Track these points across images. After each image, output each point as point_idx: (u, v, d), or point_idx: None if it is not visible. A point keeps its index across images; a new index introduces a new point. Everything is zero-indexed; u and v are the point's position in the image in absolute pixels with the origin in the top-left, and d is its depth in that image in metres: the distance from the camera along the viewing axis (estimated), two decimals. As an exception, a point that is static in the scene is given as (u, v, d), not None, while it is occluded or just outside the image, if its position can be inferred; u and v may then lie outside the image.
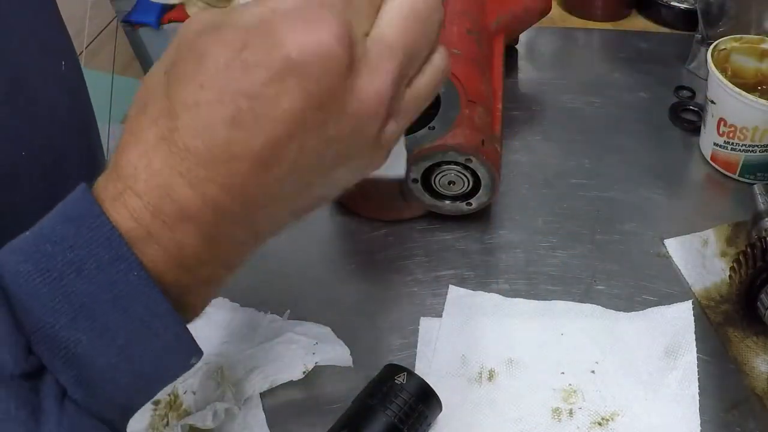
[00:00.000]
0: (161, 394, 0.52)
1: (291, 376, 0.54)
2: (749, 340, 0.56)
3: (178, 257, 0.29)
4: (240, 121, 0.27)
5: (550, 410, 0.52)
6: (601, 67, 0.87)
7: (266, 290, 0.62)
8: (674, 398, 0.52)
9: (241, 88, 0.27)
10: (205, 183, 0.27)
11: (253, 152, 0.27)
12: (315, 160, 0.29)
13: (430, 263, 0.64)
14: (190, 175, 0.27)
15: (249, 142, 0.27)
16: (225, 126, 0.27)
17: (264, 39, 0.27)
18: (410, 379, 0.49)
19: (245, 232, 0.32)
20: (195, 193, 0.28)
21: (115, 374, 0.28)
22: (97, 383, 0.28)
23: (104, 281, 0.27)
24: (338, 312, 0.60)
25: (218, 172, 0.27)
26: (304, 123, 0.27)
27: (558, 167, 0.72)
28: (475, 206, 0.64)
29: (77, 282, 0.27)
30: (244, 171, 0.28)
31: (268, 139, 0.27)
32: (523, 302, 0.59)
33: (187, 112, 0.27)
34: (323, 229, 0.67)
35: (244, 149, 0.27)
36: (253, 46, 0.26)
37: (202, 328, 0.58)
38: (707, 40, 0.79)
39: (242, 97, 0.27)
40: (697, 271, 0.61)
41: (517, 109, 0.80)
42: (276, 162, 0.28)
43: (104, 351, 0.28)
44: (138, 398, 0.31)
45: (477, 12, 0.77)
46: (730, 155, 0.69)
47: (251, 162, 0.28)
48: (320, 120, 0.28)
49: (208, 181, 0.27)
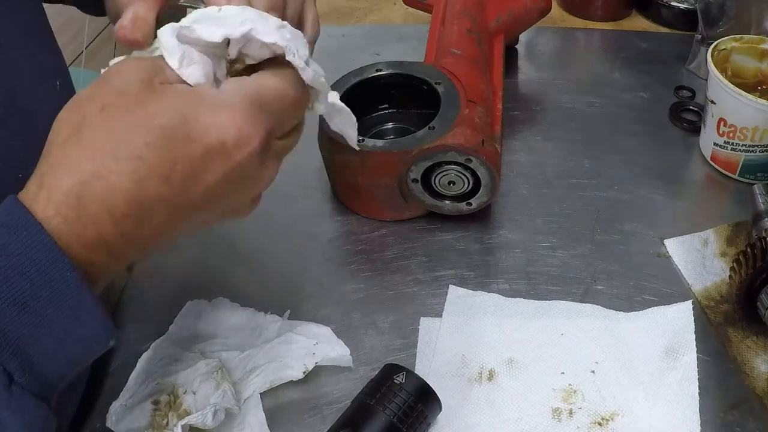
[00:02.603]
0: (161, 395, 0.52)
1: (291, 376, 0.54)
2: (749, 340, 0.56)
3: (98, 255, 0.34)
4: (172, 180, 0.34)
5: (550, 410, 0.52)
6: (601, 67, 0.87)
7: (266, 290, 0.62)
8: (674, 398, 0.52)
9: (178, 157, 0.33)
10: (124, 219, 0.33)
11: (170, 204, 0.35)
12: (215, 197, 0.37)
13: (430, 263, 0.64)
14: (115, 212, 0.33)
15: (176, 198, 0.34)
16: (160, 181, 0.33)
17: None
18: (409, 379, 0.49)
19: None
20: (114, 223, 0.33)
21: (52, 359, 0.33)
22: (37, 368, 0.32)
23: (43, 282, 0.32)
24: (338, 312, 0.60)
25: (140, 217, 0.34)
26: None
27: (558, 167, 0.72)
28: (475, 206, 0.64)
29: (20, 282, 0.31)
30: (161, 219, 0.35)
31: (186, 199, 0.35)
32: (523, 302, 0.59)
33: (130, 162, 0.32)
34: (323, 229, 0.67)
35: (168, 202, 0.34)
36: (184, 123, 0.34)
37: (202, 328, 0.59)
38: (707, 40, 0.79)
39: (178, 163, 0.34)
40: (697, 271, 0.61)
41: (517, 109, 0.80)
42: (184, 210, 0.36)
43: (43, 341, 0.32)
44: (69, 376, 0.35)
45: (477, 12, 0.77)
46: (730, 155, 0.69)
47: (167, 213, 0.35)
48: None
49: (126, 217, 0.33)
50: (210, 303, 0.60)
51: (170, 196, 0.34)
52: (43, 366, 0.33)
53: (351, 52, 0.89)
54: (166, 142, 0.33)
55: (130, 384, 0.54)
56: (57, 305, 0.32)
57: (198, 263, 0.65)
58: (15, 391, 0.32)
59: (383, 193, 0.65)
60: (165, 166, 0.33)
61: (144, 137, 0.33)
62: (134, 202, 0.33)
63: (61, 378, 0.34)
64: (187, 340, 0.57)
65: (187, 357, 0.55)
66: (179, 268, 0.65)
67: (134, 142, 0.32)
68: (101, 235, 0.33)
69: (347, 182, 0.67)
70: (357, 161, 0.62)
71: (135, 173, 0.33)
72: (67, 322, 0.33)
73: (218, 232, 0.68)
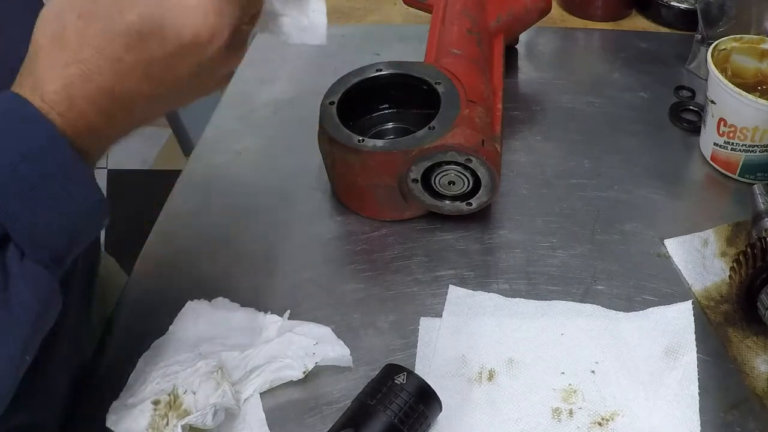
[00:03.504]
0: (161, 394, 0.52)
1: (291, 376, 0.54)
2: (749, 340, 0.56)
3: (88, 139, 0.38)
4: (150, 76, 0.37)
5: (550, 410, 0.52)
6: (601, 67, 0.87)
7: (266, 290, 0.62)
8: (674, 398, 0.52)
9: (154, 56, 0.36)
10: (110, 111, 0.37)
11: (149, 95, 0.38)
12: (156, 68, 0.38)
13: (430, 263, 0.64)
14: (102, 105, 0.37)
15: (154, 90, 0.38)
16: (139, 78, 0.37)
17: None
18: (410, 379, 0.49)
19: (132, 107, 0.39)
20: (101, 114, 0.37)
21: (54, 232, 0.37)
22: (41, 240, 0.36)
23: (43, 160, 0.36)
24: (338, 312, 0.60)
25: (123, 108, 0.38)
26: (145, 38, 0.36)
27: (558, 167, 0.72)
28: (475, 206, 0.64)
29: (23, 163, 0.35)
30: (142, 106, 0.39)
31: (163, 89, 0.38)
32: (523, 302, 0.59)
33: (112, 64, 0.36)
34: (323, 229, 0.67)
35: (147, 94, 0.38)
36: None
37: (202, 328, 0.59)
38: (707, 40, 0.79)
39: (155, 62, 0.37)
40: (697, 271, 0.61)
41: (517, 109, 0.80)
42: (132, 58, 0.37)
43: (44, 216, 0.36)
44: (71, 252, 0.39)
45: (477, 12, 0.77)
46: (730, 155, 0.69)
47: (146, 102, 0.39)
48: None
49: (111, 109, 0.37)
50: (210, 303, 0.60)
51: (148, 89, 0.38)
52: (47, 238, 0.37)
53: (351, 52, 0.89)
54: (143, 44, 0.36)
55: (130, 384, 0.54)
56: (55, 179, 0.36)
57: (198, 263, 0.65)
58: (26, 263, 0.36)
59: (383, 193, 0.65)
60: (143, 64, 0.37)
61: (123, 41, 0.36)
62: (117, 97, 0.37)
63: (65, 252, 0.38)
64: (186, 340, 0.57)
65: (187, 357, 0.55)
66: (179, 268, 0.65)
67: (114, 46, 0.36)
68: (90, 124, 0.37)
69: (347, 182, 0.67)
70: (357, 161, 0.62)
71: (117, 73, 0.36)
72: (63, 193, 0.37)
73: (218, 232, 0.68)
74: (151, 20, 0.36)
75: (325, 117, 0.65)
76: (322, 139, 0.65)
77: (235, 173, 0.74)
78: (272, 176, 0.74)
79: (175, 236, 0.67)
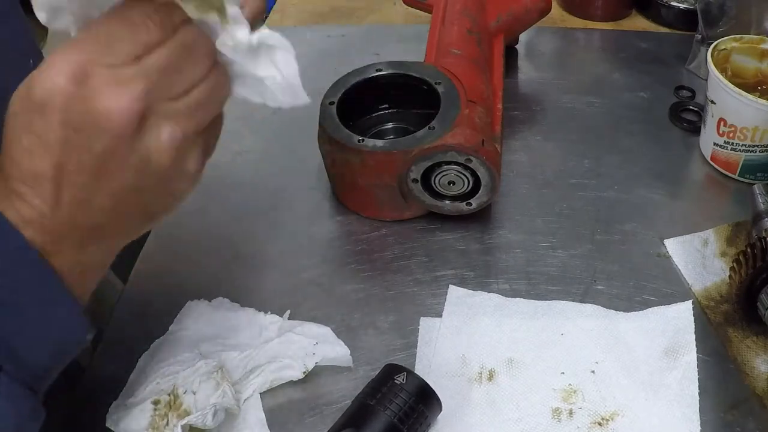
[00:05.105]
0: (161, 394, 0.52)
1: (291, 376, 0.54)
2: (749, 340, 0.56)
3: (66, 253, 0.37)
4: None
5: (550, 410, 0.52)
6: (601, 67, 0.87)
7: (266, 290, 0.62)
8: (674, 398, 0.52)
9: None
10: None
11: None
12: (95, 176, 0.36)
13: (430, 263, 0.64)
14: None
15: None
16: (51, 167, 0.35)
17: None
18: (410, 379, 0.49)
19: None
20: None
21: (34, 350, 0.37)
22: (21, 358, 0.36)
23: (25, 281, 0.36)
24: (338, 312, 0.60)
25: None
26: (69, 143, 0.34)
27: (558, 167, 0.72)
28: (475, 206, 0.64)
29: (3, 281, 0.35)
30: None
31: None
32: (523, 302, 0.59)
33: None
34: (323, 229, 0.67)
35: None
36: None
37: (202, 328, 0.59)
38: (707, 40, 0.79)
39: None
40: (697, 271, 0.61)
41: (517, 109, 0.80)
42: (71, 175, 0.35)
43: (27, 338, 0.36)
44: (53, 370, 0.39)
45: (477, 12, 0.77)
46: (730, 155, 0.69)
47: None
48: (81, 139, 0.34)
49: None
50: (210, 303, 0.60)
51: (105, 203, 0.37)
52: (27, 356, 0.36)
53: (351, 52, 0.89)
54: (75, 141, 0.35)
55: (130, 384, 0.54)
56: (36, 301, 0.36)
57: (198, 263, 0.65)
58: (4, 379, 0.35)
59: (383, 193, 0.65)
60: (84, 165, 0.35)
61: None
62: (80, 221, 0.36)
63: (46, 370, 0.38)
64: (186, 340, 0.57)
65: (187, 357, 0.55)
66: (179, 268, 0.65)
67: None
68: (63, 248, 0.37)
69: (347, 182, 0.67)
70: (357, 161, 0.62)
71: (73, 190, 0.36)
72: (45, 315, 0.37)
73: (218, 232, 0.68)
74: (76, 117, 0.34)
75: (325, 117, 0.65)
76: (322, 139, 0.65)
77: (235, 173, 0.74)
78: (272, 176, 0.74)
79: (174, 236, 0.67)
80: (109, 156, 0.35)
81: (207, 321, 0.59)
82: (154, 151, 0.36)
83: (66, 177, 0.35)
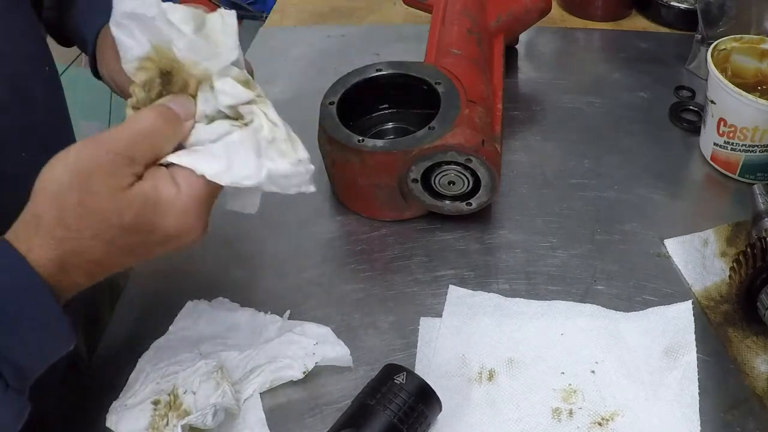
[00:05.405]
0: (161, 395, 0.52)
1: (291, 376, 0.54)
2: (749, 340, 0.56)
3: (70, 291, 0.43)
4: (134, 252, 0.43)
5: (550, 410, 0.52)
6: (601, 67, 0.87)
7: (266, 290, 0.62)
8: (674, 398, 0.52)
9: (142, 241, 0.42)
10: (94, 273, 0.43)
11: (130, 262, 0.44)
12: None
13: (430, 263, 0.64)
14: (88, 270, 0.42)
15: (134, 260, 0.44)
16: (124, 254, 0.43)
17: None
18: (410, 379, 0.49)
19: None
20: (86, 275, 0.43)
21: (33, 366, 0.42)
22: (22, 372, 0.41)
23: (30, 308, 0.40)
24: (338, 312, 0.60)
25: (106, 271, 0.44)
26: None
27: (558, 167, 0.72)
28: (475, 206, 0.64)
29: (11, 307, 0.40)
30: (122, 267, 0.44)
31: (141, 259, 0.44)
32: (523, 302, 0.59)
33: (103, 245, 0.41)
34: (323, 229, 0.67)
35: (128, 263, 0.44)
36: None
37: (202, 328, 0.59)
38: (707, 40, 0.79)
39: (141, 245, 0.43)
40: (697, 271, 0.61)
41: (517, 109, 0.80)
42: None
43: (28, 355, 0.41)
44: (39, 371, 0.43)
45: (477, 12, 0.77)
46: (730, 155, 0.69)
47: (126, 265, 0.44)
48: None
49: (96, 272, 0.43)
50: (210, 303, 0.60)
51: (130, 261, 0.44)
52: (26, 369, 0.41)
53: (351, 52, 0.89)
54: (134, 235, 0.41)
55: (130, 384, 0.54)
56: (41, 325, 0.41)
57: (198, 263, 0.65)
58: (9, 394, 0.40)
59: (383, 193, 0.65)
60: (130, 246, 0.42)
61: (117, 232, 0.41)
62: (103, 265, 0.43)
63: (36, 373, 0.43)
64: (186, 340, 0.57)
65: (187, 357, 0.55)
66: (179, 268, 0.65)
67: (109, 233, 0.41)
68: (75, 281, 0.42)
69: (347, 182, 0.67)
70: (357, 161, 0.62)
71: (106, 251, 0.41)
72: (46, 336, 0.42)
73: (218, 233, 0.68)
74: (146, 221, 0.41)
75: (325, 117, 0.65)
76: (322, 139, 0.65)
77: (235, 173, 0.74)
78: (272, 176, 0.73)
79: (175, 236, 0.67)
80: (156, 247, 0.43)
81: (207, 321, 0.59)
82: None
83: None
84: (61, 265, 0.40)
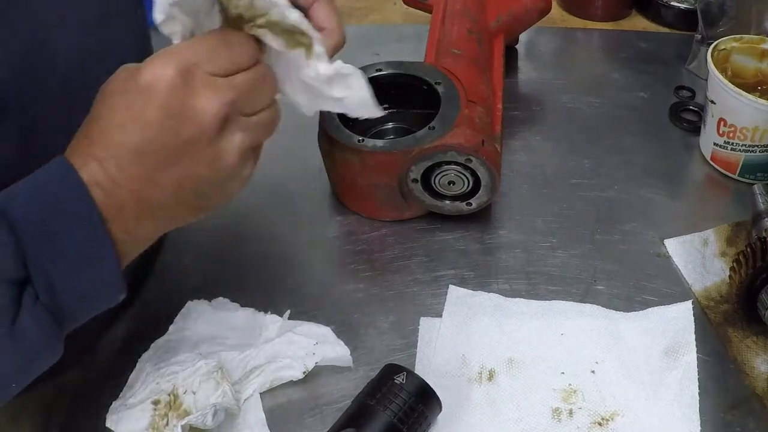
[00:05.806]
0: (161, 395, 0.52)
1: (291, 376, 0.54)
2: (749, 340, 0.56)
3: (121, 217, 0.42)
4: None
5: (550, 410, 0.52)
6: (601, 67, 0.87)
7: (266, 290, 0.62)
8: (674, 398, 0.52)
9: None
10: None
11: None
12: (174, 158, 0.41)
13: (430, 263, 0.64)
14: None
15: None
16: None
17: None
18: (410, 379, 0.49)
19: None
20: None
21: (67, 289, 0.40)
22: (56, 291, 0.40)
23: (77, 228, 0.40)
24: (338, 312, 0.60)
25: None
26: (161, 125, 0.40)
27: (558, 167, 0.72)
28: (475, 206, 0.64)
29: (59, 223, 0.39)
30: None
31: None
32: (523, 302, 0.59)
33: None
34: (323, 229, 0.67)
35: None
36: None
37: (202, 328, 0.59)
38: (707, 40, 0.79)
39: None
40: (697, 271, 0.61)
41: (517, 109, 0.80)
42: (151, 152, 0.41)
43: (66, 280, 0.40)
44: (80, 315, 0.43)
45: (477, 12, 0.77)
46: (730, 155, 0.69)
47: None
48: (173, 125, 0.40)
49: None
50: (210, 303, 0.60)
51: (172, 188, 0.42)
52: (61, 292, 0.40)
53: (351, 52, 0.89)
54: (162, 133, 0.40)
55: (130, 384, 0.54)
56: (85, 253, 0.40)
57: (198, 263, 0.65)
58: (38, 306, 0.40)
59: (383, 193, 0.65)
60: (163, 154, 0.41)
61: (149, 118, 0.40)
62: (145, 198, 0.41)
63: (73, 313, 0.42)
64: (186, 340, 0.57)
65: (187, 357, 0.55)
66: (179, 268, 0.65)
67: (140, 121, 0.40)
68: (122, 211, 0.41)
69: (347, 182, 0.67)
70: (357, 161, 0.62)
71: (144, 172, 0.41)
72: (89, 267, 0.41)
73: (218, 233, 0.68)
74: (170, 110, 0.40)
75: (325, 117, 0.65)
76: (322, 139, 0.65)
77: (235, 173, 0.74)
78: (272, 177, 0.73)
79: (174, 236, 0.67)
80: (190, 145, 0.41)
81: (207, 321, 0.59)
82: (225, 151, 0.42)
83: (147, 154, 0.40)
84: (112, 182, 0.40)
